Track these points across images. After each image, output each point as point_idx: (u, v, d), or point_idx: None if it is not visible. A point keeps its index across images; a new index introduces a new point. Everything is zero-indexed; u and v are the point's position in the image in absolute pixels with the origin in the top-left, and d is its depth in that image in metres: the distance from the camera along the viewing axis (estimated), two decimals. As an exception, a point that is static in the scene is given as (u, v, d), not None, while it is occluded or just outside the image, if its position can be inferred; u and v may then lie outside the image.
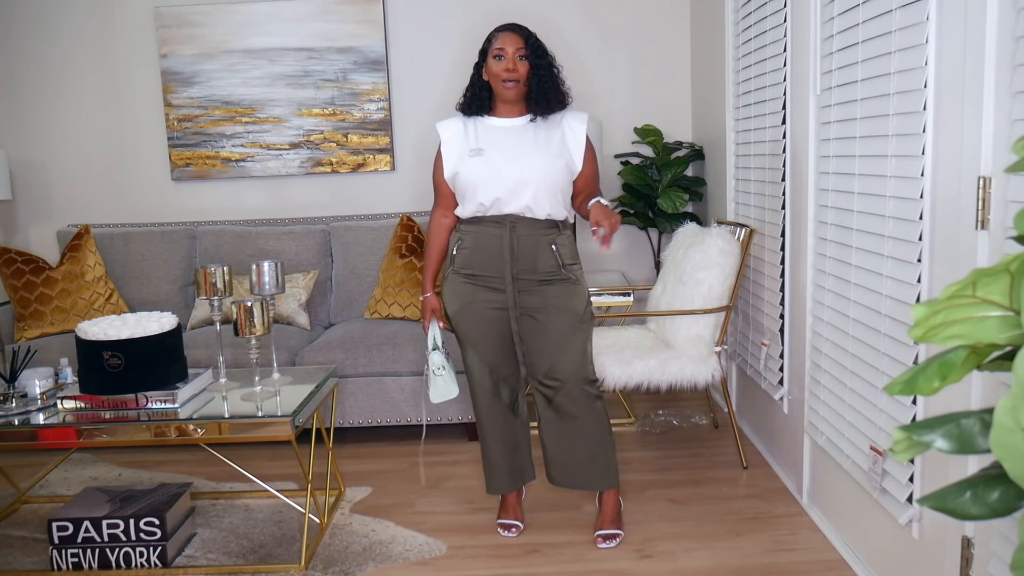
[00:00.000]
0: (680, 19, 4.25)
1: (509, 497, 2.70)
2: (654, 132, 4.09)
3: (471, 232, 2.49)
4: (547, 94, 2.45)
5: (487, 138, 2.47)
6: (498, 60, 2.43)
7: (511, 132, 2.49)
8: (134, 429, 2.49)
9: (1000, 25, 1.60)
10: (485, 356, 2.53)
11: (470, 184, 2.44)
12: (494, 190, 2.41)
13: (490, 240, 2.46)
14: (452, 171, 2.49)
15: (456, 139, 2.51)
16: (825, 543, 2.52)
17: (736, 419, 3.35)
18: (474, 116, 2.53)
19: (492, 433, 2.61)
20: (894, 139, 2.03)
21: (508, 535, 2.64)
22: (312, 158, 4.28)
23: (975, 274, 0.79)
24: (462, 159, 2.47)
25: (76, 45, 4.26)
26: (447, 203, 2.56)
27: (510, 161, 2.42)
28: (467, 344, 2.55)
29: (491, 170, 2.42)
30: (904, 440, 0.84)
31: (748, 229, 3.18)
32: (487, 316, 2.49)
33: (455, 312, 2.54)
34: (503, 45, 2.42)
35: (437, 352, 2.63)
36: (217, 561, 2.55)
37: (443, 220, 2.58)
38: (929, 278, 1.90)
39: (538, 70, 2.44)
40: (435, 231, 2.60)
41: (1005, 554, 1.61)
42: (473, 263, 2.49)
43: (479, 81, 2.51)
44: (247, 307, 2.57)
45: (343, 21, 4.16)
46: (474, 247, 2.48)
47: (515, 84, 2.42)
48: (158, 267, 4.00)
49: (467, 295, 2.50)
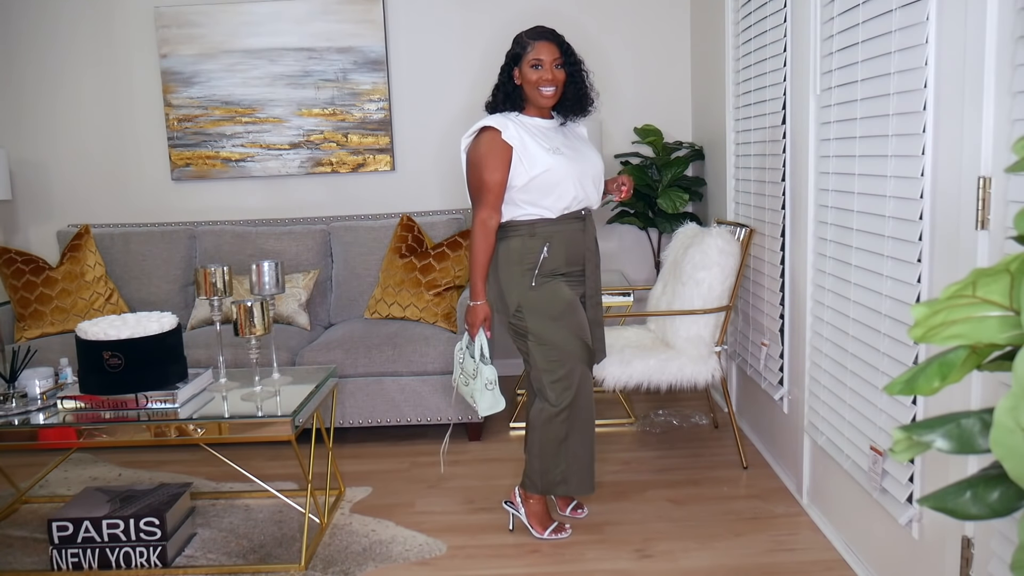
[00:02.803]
0: (680, 19, 4.25)
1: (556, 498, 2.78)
2: (654, 132, 4.09)
3: (558, 232, 2.50)
4: (582, 100, 2.54)
5: (553, 138, 2.51)
6: (535, 69, 2.45)
7: (557, 132, 2.55)
8: (134, 429, 2.49)
9: (1000, 25, 1.60)
10: (588, 348, 2.56)
11: (560, 182, 2.44)
12: (578, 187, 2.48)
13: (575, 235, 2.54)
14: (540, 169, 2.41)
15: (524, 138, 2.44)
16: (825, 543, 2.52)
17: (736, 419, 3.35)
18: (512, 114, 2.50)
19: (593, 426, 2.60)
20: (894, 139, 2.03)
21: (565, 535, 2.63)
22: (312, 158, 4.28)
23: (975, 274, 0.79)
24: (546, 157, 2.43)
25: (76, 45, 4.26)
26: (498, 204, 2.45)
27: (581, 158, 2.52)
28: (574, 342, 2.50)
29: (574, 167, 2.47)
30: (904, 440, 0.84)
31: (748, 229, 3.18)
32: (582, 311, 2.57)
33: (560, 313, 2.48)
34: (540, 56, 2.44)
35: (490, 366, 2.52)
36: (217, 561, 2.55)
37: (492, 223, 2.46)
38: (929, 278, 1.90)
39: (574, 78, 2.50)
40: (488, 235, 2.46)
41: (1005, 554, 1.61)
42: (567, 261, 2.53)
43: (509, 83, 2.50)
44: (247, 307, 2.57)
45: (343, 21, 4.16)
46: (567, 245, 2.52)
47: (554, 91, 2.47)
48: (158, 267, 4.00)
49: (566, 295, 2.51)
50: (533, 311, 2.48)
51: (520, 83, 2.48)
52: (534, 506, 2.63)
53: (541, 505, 2.64)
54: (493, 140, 2.43)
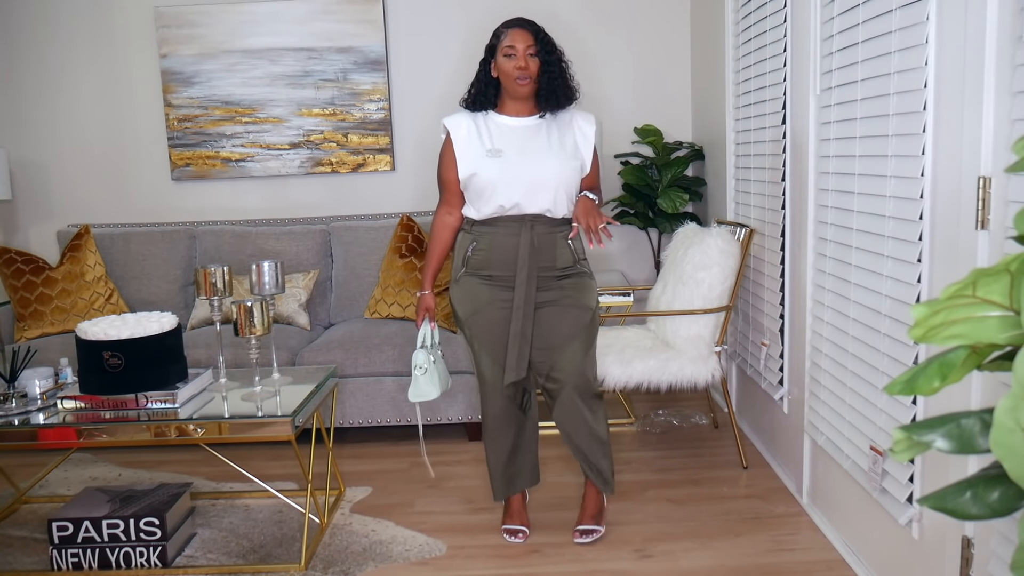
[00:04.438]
0: (680, 19, 4.25)
1: (514, 501, 2.67)
2: (654, 132, 4.09)
3: (488, 233, 2.46)
4: (557, 91, 2.43)
5: (503, 138, 2.44)
6: (509, 58, 2.39)
7: (525, 132, 2.46)
8: (134, 429, 2.49)
9: (1000, 25, 1.60)
10: (498, 358, 2.49)
11: (489, 186, 2.41)
12: (514, 192, 2.39)
13: (508, 240, 2.43)
14: (469, 171, 2.43)
15: (470, 138, 2.45)
16: (825, 543, 2.52)
17: (736, 419, 3.35)
18: (481, 112, 2.49)
19: (501, 437, 2.58)
20: (894, 139, 2.03)
21: (514, 540, 2.61)
22: (312, 158, 4.28)
23: (975, 274, 0.79)
24: (479, 159, 2.42)
25: (76, 45, 4.26)
26: (454, 201, 2.51)
27: (529, 163, 2.41)
28: (481, 348, 2.51)
29: (511, 172, 2.40)
30: (904, 440, 0.84)
31: (748, 229, 3.18)
32: (502, 317, 2.46)
33: (468, 315, 2.50)
34: (513, 43, 2.39)
35: (422, 351, 2.59)
36: (217, 561, 2.55)
37: (448, 219, 2.54)
38: (929, 278, 1.90)
39: (548, 67, 2.41)
40: (439, 229, 2.56)
41: (1005, 554, 1.61)
42: (491, 264, 2.46)
43: (486, 77, 2.47)
44: (247, 307, 2.56)
45: (343, 21, 4.16)
46: (492, 248, 2.45)
47: (528, 81, 2.39)
48: (158, 267, 4.00)
49: (483, 297, 2.47)
50: (455, 304, 2.55)
51: (496, 75, 2.45)
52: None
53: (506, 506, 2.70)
54: (446, 139, 2.49)
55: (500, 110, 2.49)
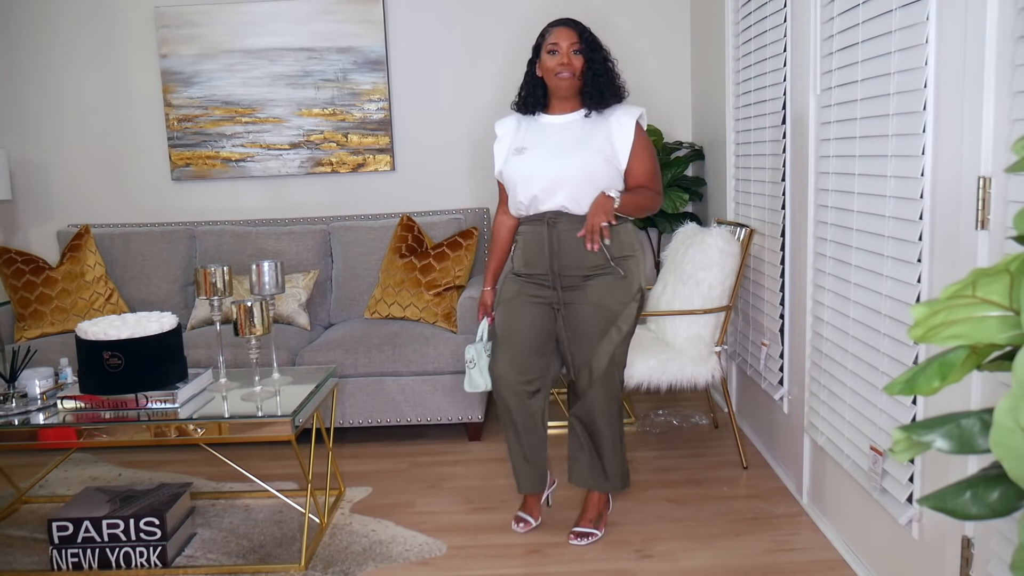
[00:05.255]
0: (680, 19, 4.25)
1: (530, 496, 2.71)
2: (654, 132, 4.09)
3: (523, 232, 2.54)
4: (601, 88, 2.43)
5: (533, 136, 2.48)
6: (552, 55, 2.43)
7: (560, 129, 2.47)
8: (134, 429, 2.49)
9: (1000, 25, 1.60)
10: (515, 350, 2.49)
11: (511, 183, 2.50)
12: (531, 189, 2.44)
13: (535, 238, 2.48)
14: (498, 170, 2.56)
15: (506, 137, 2.55)
16: (825, 543, 2.52)
17: (736, 419, 3.35)
18: (529, 115, 2.54)
19: (522, 431, 2.58)
20: (894, 139, 2.03)
21: (517, 528, 2.65)
22: (312, 158, 4.28)
23: (975, 274, 0.79)
24: (507, 158, 2.51)
25: (76, 45, 4.26)
26: (507, 199, 2.60)
27: (546, 159, 2.43)
28: (499, 338, 2.54)
29: (528, 169, 2.44)
30: (904, 440, 0.84)
31: (748, 229, 3.18)
32: (527, 305, 2.50)
33: (497, 305, 2.58)
34: (557, 40, 2.42)
35: (473, 345, 2.63)
36: (217, 561, 2.55)
37: (503, 218, 2.65)
38: (929, 278, 1.90)
39: (592, 64, 2.43)
40: (496, 228, 2.68)
41: (1005, 554, 1.61)
42: (526, 262, 2.52)
43: (533, 78, 2.50)
44: (247, 307, 2.57)
45: (343, 21, 4.16)
46: (525, 246, 2.52)
47: (569, 76, 2.40)
48: (158, 267, 4.00)
49: (513, 290, 2.54)
50: (497, 300, 2.61)
51: (541, 75, 2.48)
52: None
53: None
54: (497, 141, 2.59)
55: (549, 111, 2.52)
